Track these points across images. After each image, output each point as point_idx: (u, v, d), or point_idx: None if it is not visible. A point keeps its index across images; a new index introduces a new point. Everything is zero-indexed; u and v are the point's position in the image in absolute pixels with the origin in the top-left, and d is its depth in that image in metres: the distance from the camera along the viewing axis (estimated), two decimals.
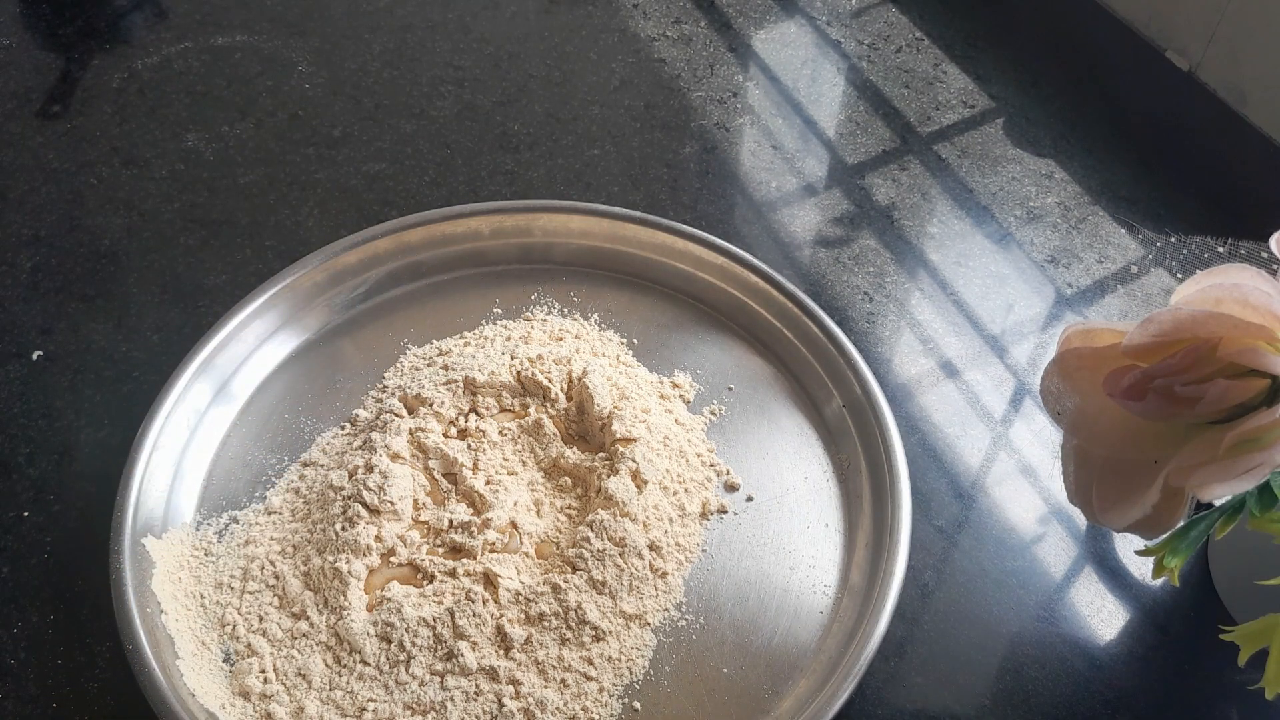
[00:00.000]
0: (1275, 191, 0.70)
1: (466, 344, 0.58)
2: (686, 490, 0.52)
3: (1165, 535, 0.40)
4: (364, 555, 0.48)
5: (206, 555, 0.50)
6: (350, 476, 0.50)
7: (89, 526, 0.51)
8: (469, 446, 0.52)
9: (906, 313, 0.63)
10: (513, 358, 0.55)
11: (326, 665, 0.46)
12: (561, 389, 0.54)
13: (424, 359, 0.58)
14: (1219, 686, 0.48)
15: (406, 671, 0.46)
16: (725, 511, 0.52)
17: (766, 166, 0.71)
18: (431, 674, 0.46)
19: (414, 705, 0.45)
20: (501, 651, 0.46)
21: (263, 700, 0.45)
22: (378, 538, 0.48)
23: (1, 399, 0.57)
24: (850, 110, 0.75)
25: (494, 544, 0.49)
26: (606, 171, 0.70)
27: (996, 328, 0.62)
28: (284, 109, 0.74)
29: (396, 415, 0.53)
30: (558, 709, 0.45)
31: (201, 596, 0.48)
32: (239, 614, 0.48)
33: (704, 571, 0.50)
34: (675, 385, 0.57)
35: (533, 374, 0.54)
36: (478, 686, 0.45)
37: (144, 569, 0.47)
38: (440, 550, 0.50)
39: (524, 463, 0.53)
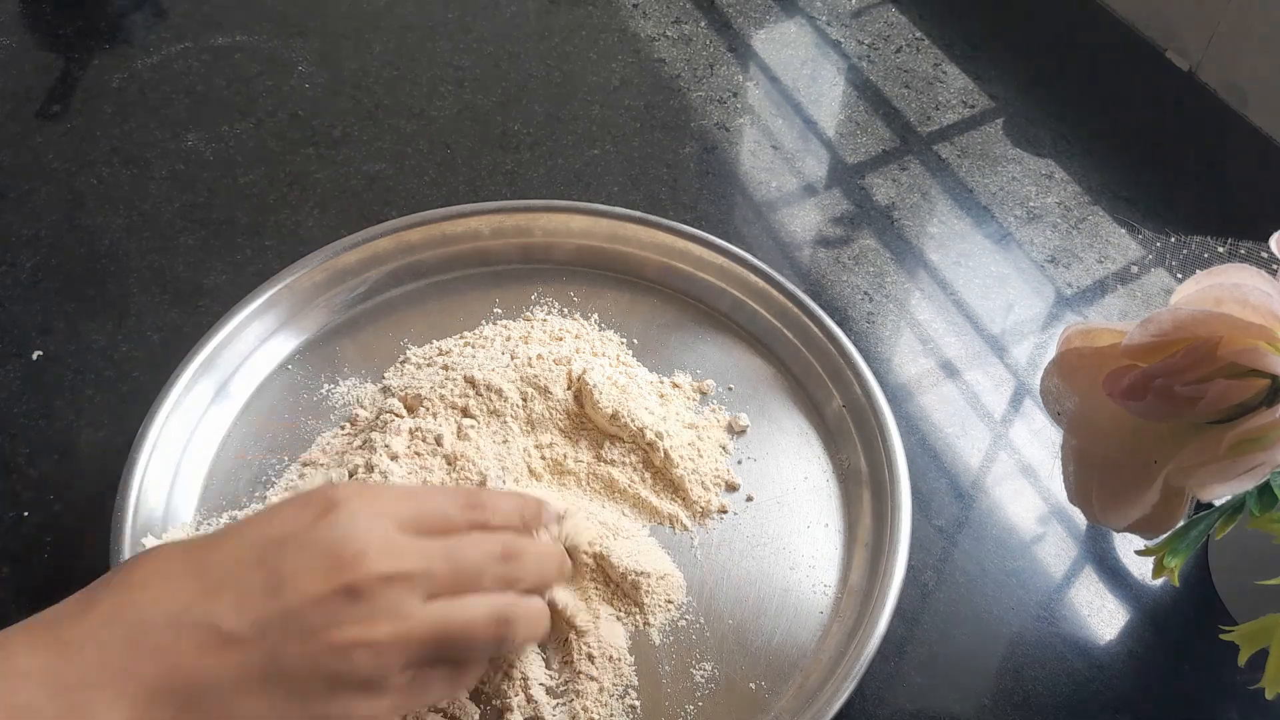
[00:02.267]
0: (1275, 191, 0.70)
1: (467, 344, 0.58)
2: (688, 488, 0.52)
3: (1165, 535, 0.40)
4: None
5: None
6: (350, 476, 0.50)
7: (89, 526, 0.51)
8: (469, 446, 0.52)
9: (906, 313, 0.63)
10: (513, 357, 0.55)
11: None
12: (562, 389, 0.54)
13: (424, 359, 0.57)
14: (1219, 686, 0.48)
15: None
16: (725, 511, 0.52)
17: (766, 166, 0.71)
18: None
19: None
20: None
21: None
22: None
23: (1, 399, 0.57)
24: (850, 110, 0.75)
25: None
26: (606, 171, 0.70)
27: (996, 328, 0.62)
28: (284, 109, 0.74)
29: (396, 415, 0.53)
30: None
31: None
32: None
33: (704, 571, 0.50)
34: (675, 385, 0.57)
35: (533, 374, 0.54)
36: None
37: None
38: None
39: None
